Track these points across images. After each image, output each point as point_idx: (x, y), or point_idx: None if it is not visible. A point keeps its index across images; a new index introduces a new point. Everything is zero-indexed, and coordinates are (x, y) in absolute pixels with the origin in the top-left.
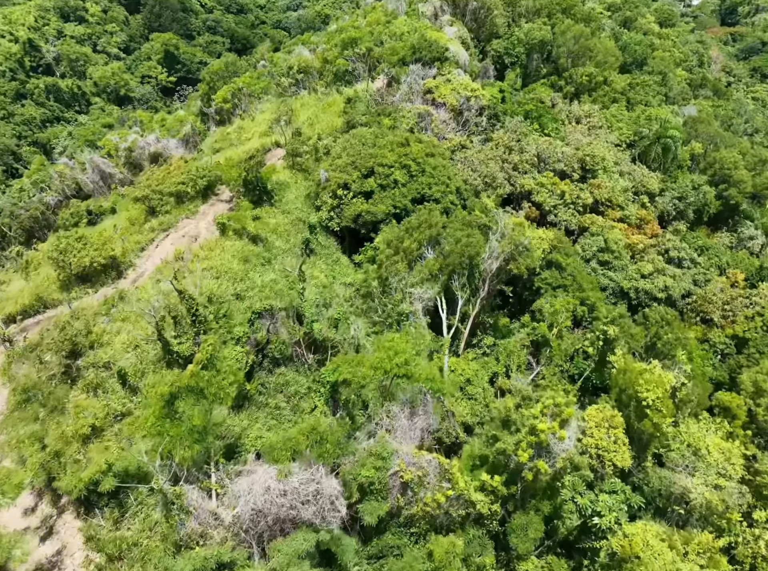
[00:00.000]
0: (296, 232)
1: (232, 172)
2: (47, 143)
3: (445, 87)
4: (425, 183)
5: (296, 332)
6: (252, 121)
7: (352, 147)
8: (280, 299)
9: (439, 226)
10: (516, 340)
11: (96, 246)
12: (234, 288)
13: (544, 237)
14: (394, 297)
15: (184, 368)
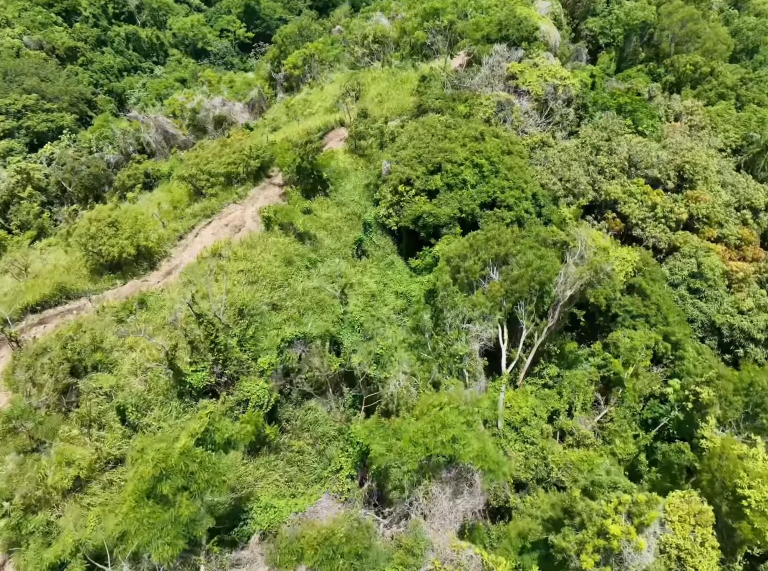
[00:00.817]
0: (349, 229)
1: (287, 157)
2: (122, 93)
3: (531, 73)
4: (498, 186)
5: (331, 363)
6: (321, 90)
7: (420, 138)
8: (321, 309)
9: (509, 246)
10: (583, 372)
11: (128, 233)
12: (271, 296)
13: (628, 259)
14: (449, 335)
15: (197, 400)
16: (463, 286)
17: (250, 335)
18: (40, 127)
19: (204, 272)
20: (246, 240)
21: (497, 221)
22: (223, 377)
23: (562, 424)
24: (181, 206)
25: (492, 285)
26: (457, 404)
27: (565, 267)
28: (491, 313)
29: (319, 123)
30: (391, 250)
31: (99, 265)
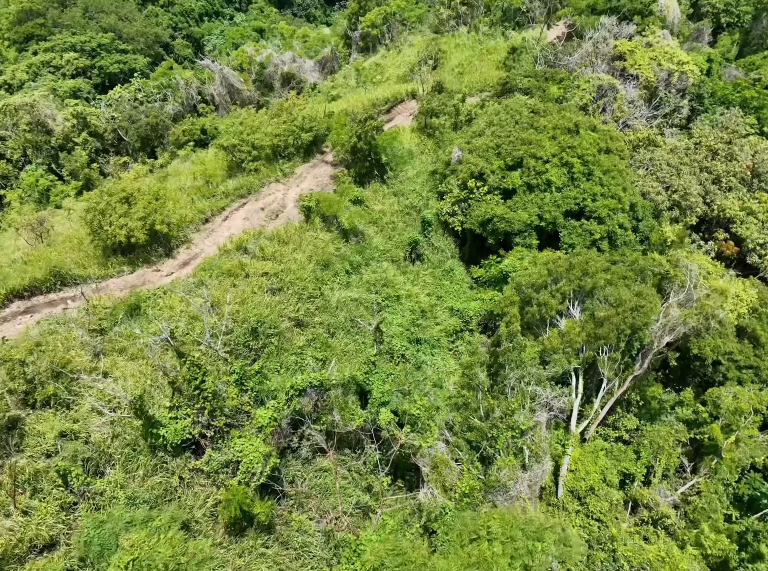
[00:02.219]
0: (405, 225)
1: (342, 133)
2: (201, 38)
3: (643, 53)
4: (589, 191)
5: (354, 418)
6: (398, 54)
7: (501, 124)
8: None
9: (598, 277)
10: (669, 429)
11: (142, 213)
12: (296, 309)
13: (743, 298)
14: (509, 401)
15: (175, 456)
16: (533, 322)
17: (255, 370)
18: (112, 69)
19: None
20: (278, 234)
21: (583, 235)
22: (210, 429)
23: (636, 493)
24: (214, 181)
25: (571, 326)
26: (510, 531)
27: (666, 307)
28: (568, 362)
29: (387, 93)
30: (452, 254)
31: (103, 247)
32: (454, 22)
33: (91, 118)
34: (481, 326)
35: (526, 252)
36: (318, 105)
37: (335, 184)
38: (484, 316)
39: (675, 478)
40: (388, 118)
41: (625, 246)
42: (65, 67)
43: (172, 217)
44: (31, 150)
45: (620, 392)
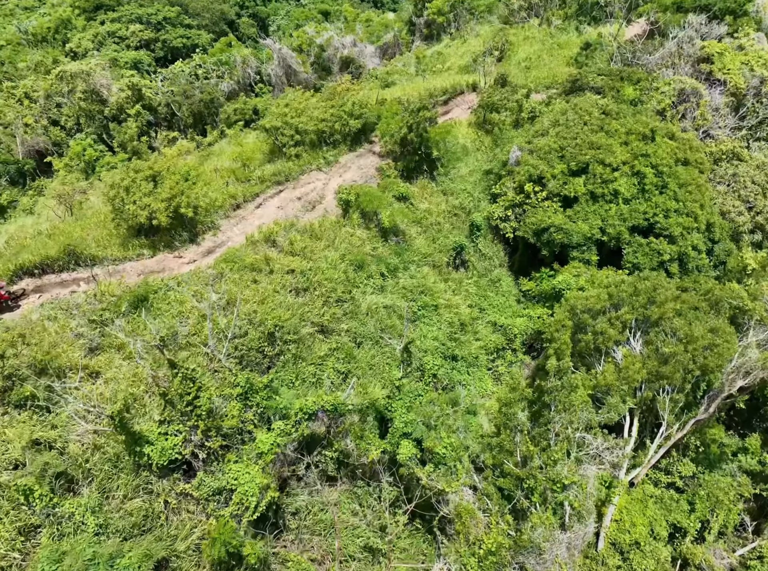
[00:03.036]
0: (451, 227)
1: (391, 123)
2: (266, 18)
3: (734, 57)
4: (662, 206)
5: (371, 448)
6: (463, 43)
7: (567, 124)
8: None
9: (667, 307)
10: (730, 481)
11: (168, 194)
12: (321, 313)
13: None
14: (552, 449)
15: (162, 476)
16: (586, 351)
17: (265, 383)
18: (175, 43)
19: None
20: (311, 227)
21: (650, 255)
22: (204, 450)
23: (688, 550)
24: (251, 165)
25: (630, 361)
26: None
27: (743, 348)
28: (623, 402)
29: (446, 83)
30: (501, 262)
31: (125, 227)
32: (525, 14)
33: (146, 91)
34: (525, 345)
35: (583, 268)
36: (371, 91)
37: (380, 177)
38: (530, 335)
39: (733, 537)
40: (445, 110)
41: (697, 271)
42: (130, 38)
43: (201, 201)
44: (84, 119)
45: (678, 437)
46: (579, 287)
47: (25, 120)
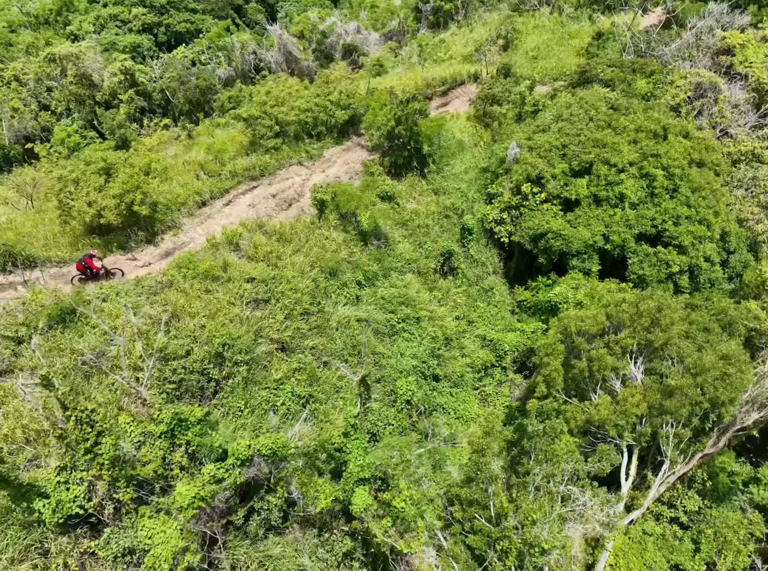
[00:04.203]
0: (442, 229)
1: (379, 115)
2: (275, 3)
3: (757, 49)
4: (672, 213)
5: (319, 497)
6: (470, 32)
7: (571, 120)
8: (357, 360)
9: (673, 331)
10: (739, 518)
11: (120, 189)
12: (282, 327)
13: None
14: (530, 506)
15: (63, 533)
16: (580, 379)
17: (198, 418)
18: (179, 28)
19: (197, 273)
20: (281, 229)
21: (657, 266)
22: (113, 501)
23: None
24: (223, 157)
25: (628, 393)
26: None
27: (759, 377)
28: (620, 437)
29: (446, 73)
30: (495, 269)
31: (83, 223)
32: (536, 1)
33: (140, 76)
34: (517, 363)
35: (582, 280)
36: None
37: (365, 173)
38: (522, 352)
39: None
40: (444, 102)
41: (709, 284)
42: (132, 21)
43: (161, 197)
44: (74, 103)
45: (683, 472)
46: (577, 302)
47: (12, 104)
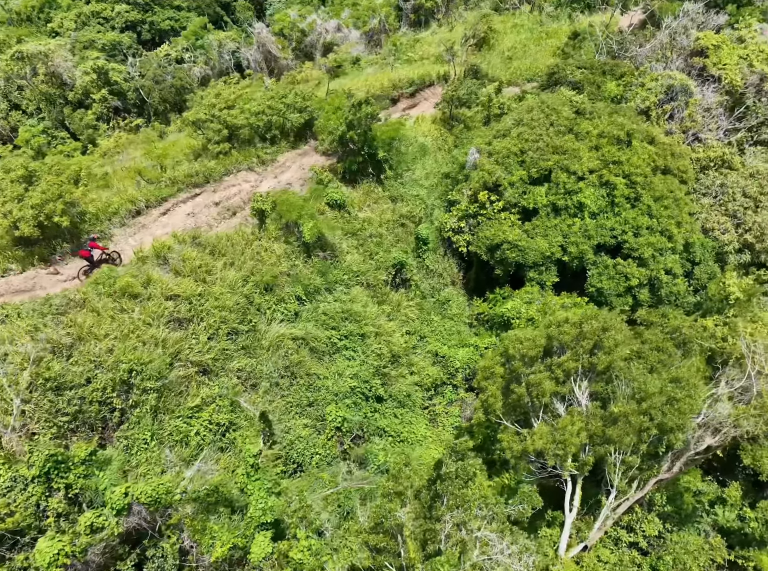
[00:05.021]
0: (396, 239)
1: (332, 119)
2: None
3: (732, 51)
4: (632, 222)
5: (215, 545)
6: (450, 31)
7: (532, 124)
8: (290, 381)
9: (617, 354)
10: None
11: (40, 199)
12: (205, 349)
13: None
14: (436, 561)
15: None
16: (520, 406)
17: (82, 457)
18: (163, 25)
19: (114, 290)
20: (216, 240)
21: (616, 279)
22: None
23: None
24: (164, 163)
25: (567, 422)
26: None
27: (712, 402)
28: (559, 464)
29: (414, 74)
30: (453, 280)
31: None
32: (517, 0)
33: (113, 75)
34: (469, 380)
35: (537, 294)
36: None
37: (315, 180)
38: (474, 369)
39: None
40: (412, 104)
41: (671, 297)
42: (115, 19)
43: (90, 206)
44: (44, 103)
45: (638, 497)
46: (529, 318)
47: None
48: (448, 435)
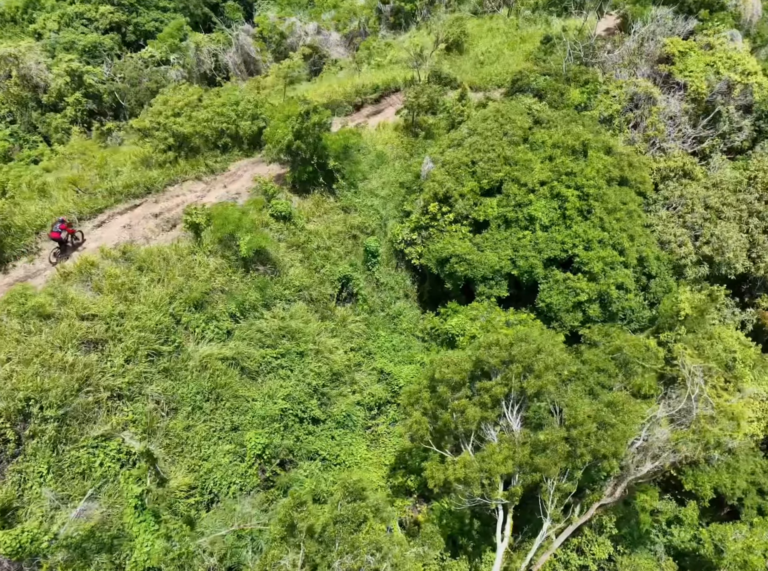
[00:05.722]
0: (345, 251)
1: (281, 127)
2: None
3: (699, 58)
4: (583, 236)
5: None
6: (428, 34)
7: (485, 133)
8: (216, 404)
9: (546, 379)
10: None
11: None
12: (120, 373)
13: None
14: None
15: None
16: (449, 432)
17: None
18: (148, 27)
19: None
20: (146, 255)
21: (565, 294)
22: None
23: None
24: (107, 173)
25: (491, 449)
26: None
27: (651, 425)
28: (486, 494)
29: (378, 80)
30: (407, 293)
31: None
32: (495, 4)
33: (88, 78)
34: None
35: (483, 309)
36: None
37: (279, 188)
38: None
39: None
40: (376, 110)
41: (624, 313)
42: (99, 20)
43: (17, 219)
44: (15, 106)
45: (581, 522)
46: (470, 337)
47: None
48: (389, 457)
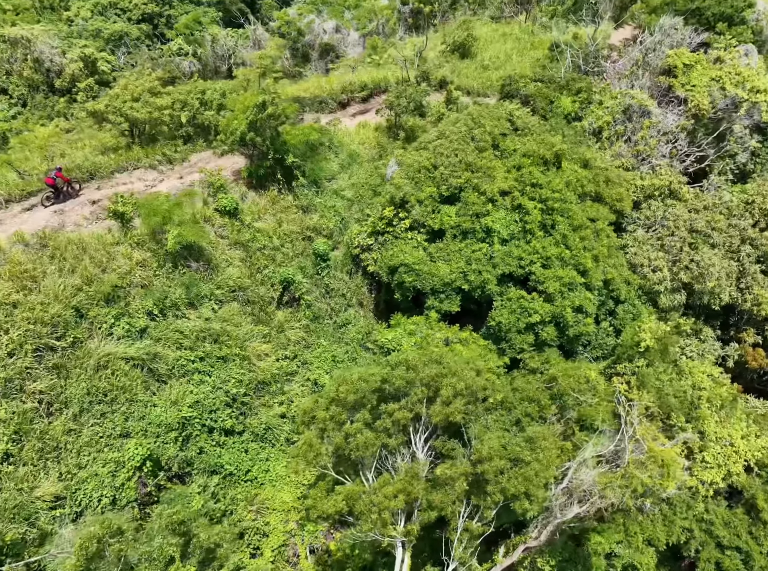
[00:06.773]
0: (295, 253)
1: (238, 119)
2: None
3: (704, 71)
4: (542, 253)
5: None
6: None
7: (451, 137)
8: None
9: (455, 406)
10: None
11: None
12: (1, 367)
13: (743, 449)
14: None
15: None
16: (344, 457)
17: None
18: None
19: None
20: (65, 243)
21: (518, 314)
22: None
23: None
24: (53, 157)
25: (381, 482)
26: None
27: (579, 465)
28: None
29: (367, 78)
30: (360, 301)
31: None
32: (515, 9)
33: (101, 64)
34: None
35: (422, 324)
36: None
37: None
38: None
39: None
40: (363, 109)
41: (582, 338)
42: (132, 10)
43: None
44: (27, 89)
45: (506, 564)
46: (398, 355)
47: None
48: (310, 475)
